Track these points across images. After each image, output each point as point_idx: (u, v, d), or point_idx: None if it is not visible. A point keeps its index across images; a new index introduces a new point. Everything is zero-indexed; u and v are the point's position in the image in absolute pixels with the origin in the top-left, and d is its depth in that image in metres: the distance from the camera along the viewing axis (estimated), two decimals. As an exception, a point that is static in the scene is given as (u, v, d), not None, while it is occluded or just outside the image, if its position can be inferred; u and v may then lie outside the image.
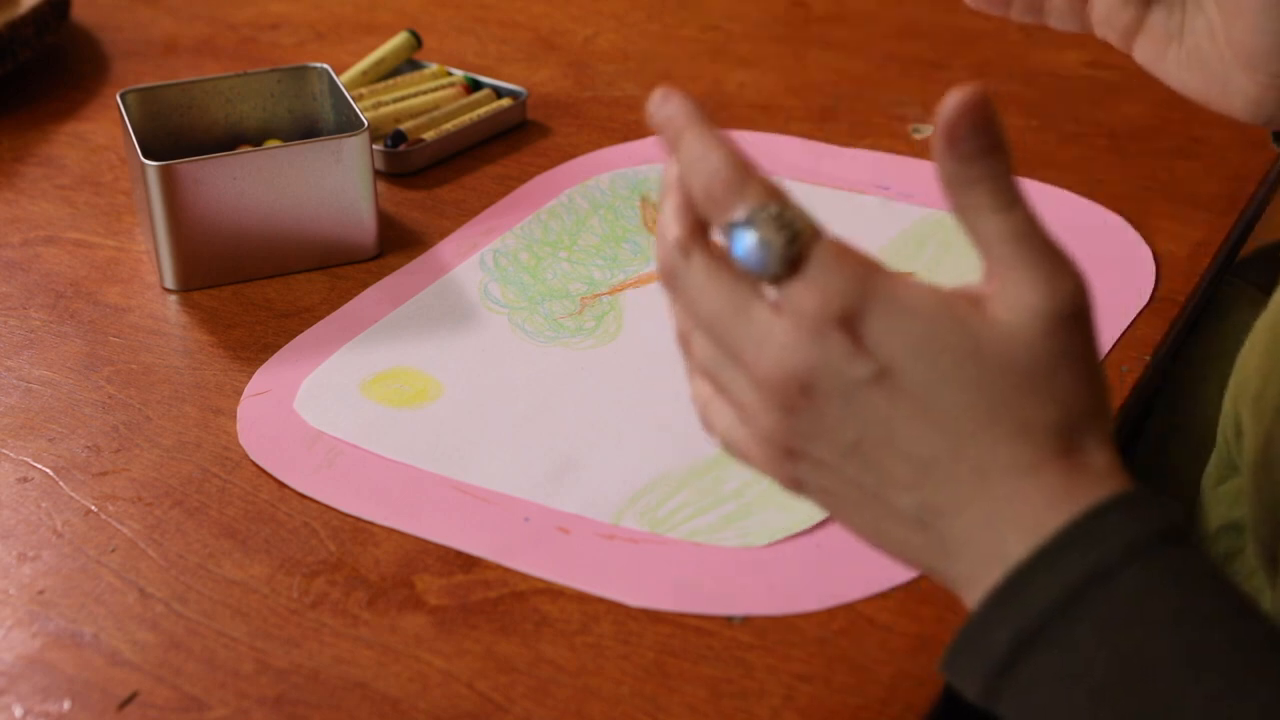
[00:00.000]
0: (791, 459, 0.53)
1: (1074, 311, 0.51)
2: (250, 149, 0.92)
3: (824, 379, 0.51)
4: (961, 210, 0.52)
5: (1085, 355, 0.52)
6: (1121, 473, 0.51)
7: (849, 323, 0.51)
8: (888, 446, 0.51)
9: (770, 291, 0.52)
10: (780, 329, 0.51)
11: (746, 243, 0.51)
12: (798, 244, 0.51)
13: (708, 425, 0.57)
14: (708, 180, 0.52)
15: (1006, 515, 0.51)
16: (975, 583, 0.51)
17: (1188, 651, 0.49)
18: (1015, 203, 0.51)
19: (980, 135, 0.51)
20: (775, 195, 0.52)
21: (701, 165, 0.53)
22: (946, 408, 0.51)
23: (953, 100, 0.52)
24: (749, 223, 0.51)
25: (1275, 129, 0.77)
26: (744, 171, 0.52)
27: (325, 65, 0.99)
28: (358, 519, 0.73)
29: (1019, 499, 0.51)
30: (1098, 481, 0.51)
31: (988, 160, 0.51)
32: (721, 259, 0.53)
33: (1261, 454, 0.65)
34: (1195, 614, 0.49)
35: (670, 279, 0.54)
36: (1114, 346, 0.83)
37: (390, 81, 1.10)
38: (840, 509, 0.54)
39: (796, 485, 0.54)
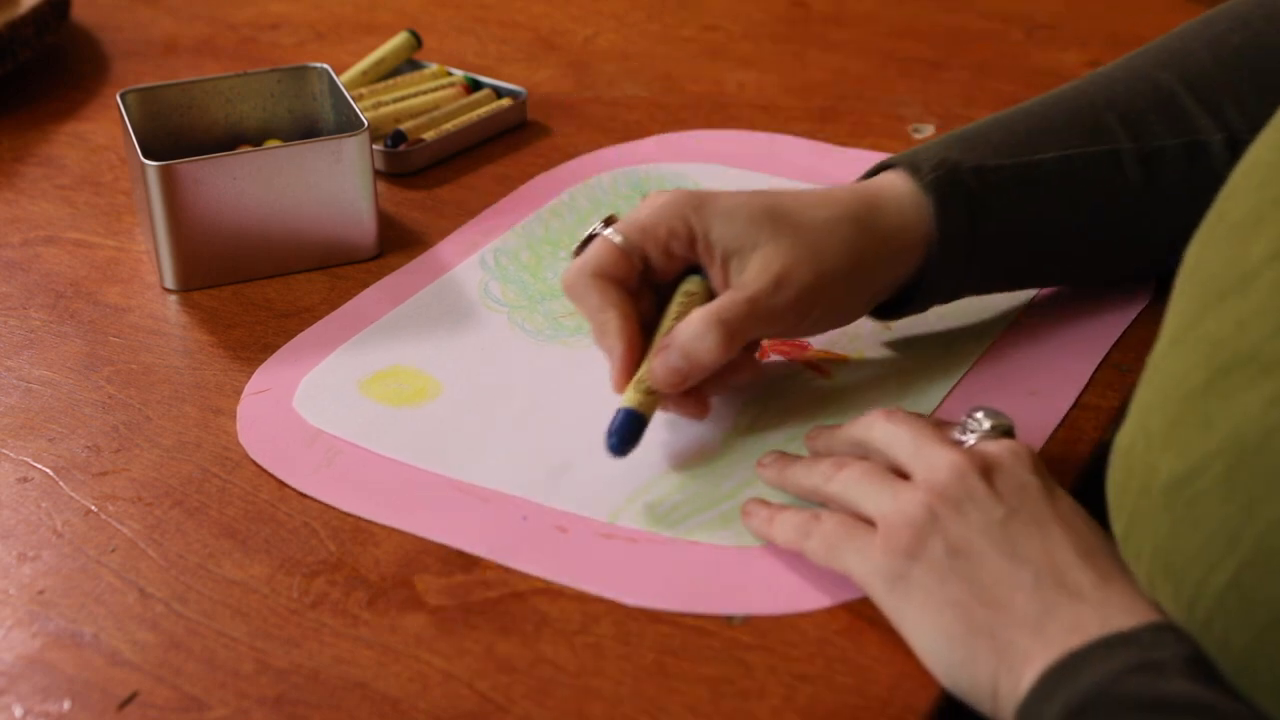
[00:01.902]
0: (936, 525, 0.63)
1: None
2: (250, 149, 0.92)
3: (1006, 466, 0.65)
4: None
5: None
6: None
7: (1033, 453, 0.67)
8: (1036, 526, 0.63)
9: None
10: (983, 444, 0.67)
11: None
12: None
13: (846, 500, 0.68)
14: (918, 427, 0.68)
15: (1094, 612, 0.60)
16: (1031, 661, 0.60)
17: None
18: None
19: None
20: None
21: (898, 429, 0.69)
22: (1080, 528, 0.64)
23: None
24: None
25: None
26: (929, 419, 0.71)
27: (325, 65, 0.99)
28: (358, 519, 0.73)
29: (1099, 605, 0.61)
30: (1149, 606, 0.60)
31: None
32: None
33: None
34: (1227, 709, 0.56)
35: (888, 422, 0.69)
36: (1114, 346, 0.83)
37: (390, 81, 1.10)
38: (947, 578, 0.63)
39: (920, 542, 0.63)
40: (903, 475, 0.67)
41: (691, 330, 0.74)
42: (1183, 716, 0.55)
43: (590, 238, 0.78)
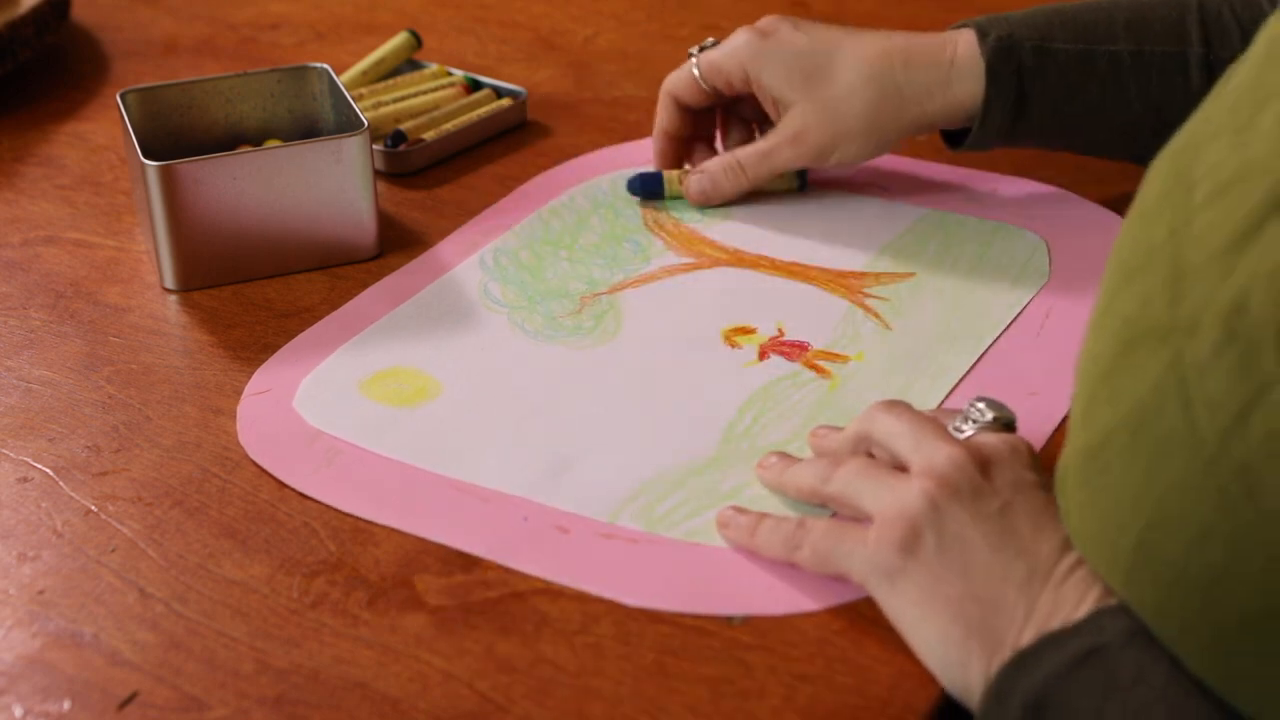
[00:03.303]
0: (932, 516, 0.63)
1: None
2: (250, 149, 0.92)
3: (1003, 460, 0.66)
4: None
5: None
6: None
7: (1031, 449, 0.67)
8: (1030, 520, 0.63)
9: None
10: (982, 436, 0.68)
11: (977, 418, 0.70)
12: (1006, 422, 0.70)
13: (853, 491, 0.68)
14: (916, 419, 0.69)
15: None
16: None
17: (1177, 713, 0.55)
18: None
19: None
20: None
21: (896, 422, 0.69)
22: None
23: None
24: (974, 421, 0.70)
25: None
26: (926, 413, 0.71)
27: (325, 65, 0.99)
28: (358, 519, 0.73)
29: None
30: (1091, 586, 0.60)
31: None
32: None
33: None
34: (1182, 686, 0.55)
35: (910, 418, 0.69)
36: (1114, 346, 0.83)
37: (390, 81, 1.10)
38: (942, 574, 0.63)
39: (915, 534, 0.63)
40: (904, 469, 0.67)
41: (719, 165, 0.96)
42: (1128, 689, 0.56)
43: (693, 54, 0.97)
